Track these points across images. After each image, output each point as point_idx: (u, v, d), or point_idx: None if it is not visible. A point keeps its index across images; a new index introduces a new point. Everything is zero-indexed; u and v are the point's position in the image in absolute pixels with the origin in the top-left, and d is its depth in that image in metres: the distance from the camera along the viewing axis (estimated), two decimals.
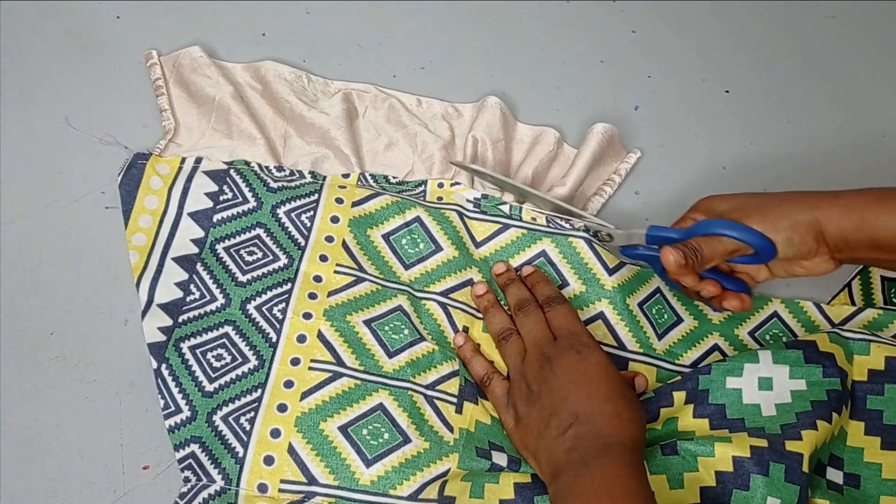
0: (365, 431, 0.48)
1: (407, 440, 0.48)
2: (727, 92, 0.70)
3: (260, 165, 0.57)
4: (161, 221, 0.54)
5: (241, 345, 0.50)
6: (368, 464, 0.47)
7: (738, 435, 0.46)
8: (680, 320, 0.57)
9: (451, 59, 0.69)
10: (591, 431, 0.45)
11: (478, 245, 0.57)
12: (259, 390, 0.49)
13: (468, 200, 0.59)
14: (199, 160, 0.56)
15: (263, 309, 0.52)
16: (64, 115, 0.59)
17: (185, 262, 0.53)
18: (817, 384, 0.48)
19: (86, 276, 0.53)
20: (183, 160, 0.56)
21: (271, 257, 0.54)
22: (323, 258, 0.54)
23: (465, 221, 0.58)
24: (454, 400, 0.50)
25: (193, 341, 0.50)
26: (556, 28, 0.72)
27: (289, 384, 0.49)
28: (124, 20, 0.65)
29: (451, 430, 0.49)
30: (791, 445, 0.45)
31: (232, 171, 0.56)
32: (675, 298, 0.58)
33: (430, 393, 0.50)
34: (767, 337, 0.57)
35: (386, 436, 0.48)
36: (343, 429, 0.48)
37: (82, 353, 0.50)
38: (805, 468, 0.45)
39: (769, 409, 0.48)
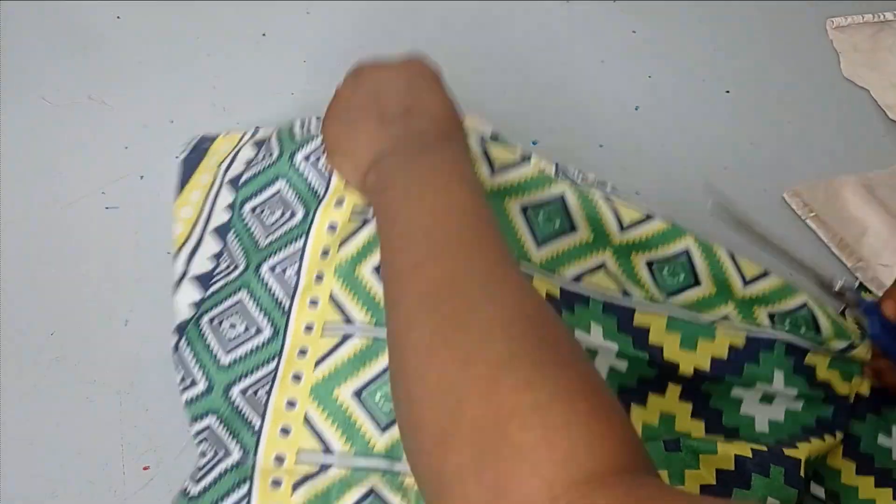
0: (378, 395, 0.47)
1: None
2: (727, 92, 0.70)
3: (301, 121, 0.57)
4: (207, 195, 0.55)
5: (255, 313, 0.50)
6: (383, 430, 0.46)
7: (736, 441, 0.46)
8: (696, 284, 0.53)
9: (452, 60, 0.68)
10: (422, 124, 0.44)
11: (493, 173, 0.53)
12: (274, 360, 0.48)
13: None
14: (256, 130, 0.57)
15: (276, 272, 0.51)
16: (63, 115, 0.59)
17: (221, 231, 0.53)
18: (813, 409, 0.49)
19: (86, 276, 0.53)
20: (244, 135, 0.57)
21: (289, 216, 0.53)
22: (339, 202, 0.52)
23: (484, 146, 0.53)
24: None
25: (212, 313, 0.50)
26: (556, 28, 0.72)
27: (303, 352, 0.48)
28: (124, 20, 0.65)
29: None
30: (789, 451, 0.46)
31: (273, 137, 0.57)
32: (705, 259, 0.53)
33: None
34: (787, 321, 0.53)
35: None
36: (357, 394, 0.47)
37: (82, 353, 0.50)
38: (802, 473, 0.45)
39: (762, 424, 0.48)
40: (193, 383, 0.48)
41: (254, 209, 0.54)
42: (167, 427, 0.48)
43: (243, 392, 0.47)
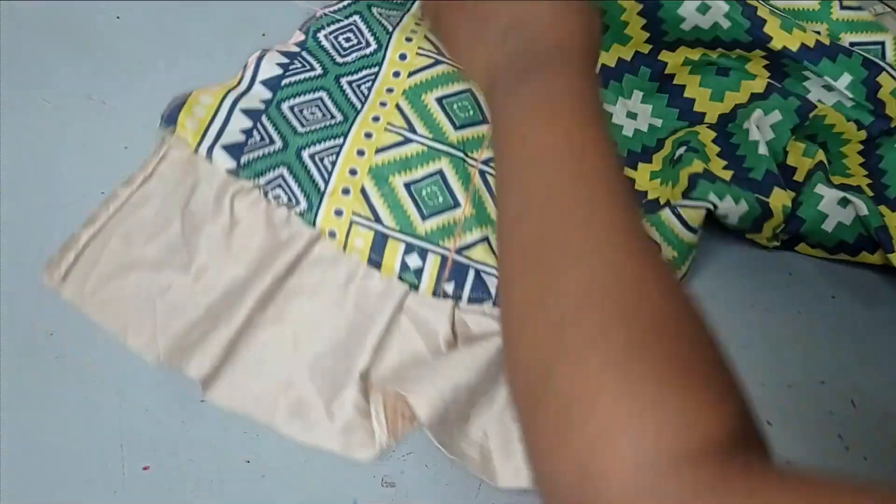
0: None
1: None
2: None
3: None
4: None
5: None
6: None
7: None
8: None
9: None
10: (531, 37, 0.40)
11: None
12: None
13: None
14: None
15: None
16: (63, 115, 0.59)
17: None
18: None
19: None
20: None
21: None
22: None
23: None
24: None
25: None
26: None
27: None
28: (124, 20, 0.65)
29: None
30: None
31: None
32: None
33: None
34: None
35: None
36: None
37: (82, 353, 0.50)
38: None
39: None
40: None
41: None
42: (167, 427, 0.48)
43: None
